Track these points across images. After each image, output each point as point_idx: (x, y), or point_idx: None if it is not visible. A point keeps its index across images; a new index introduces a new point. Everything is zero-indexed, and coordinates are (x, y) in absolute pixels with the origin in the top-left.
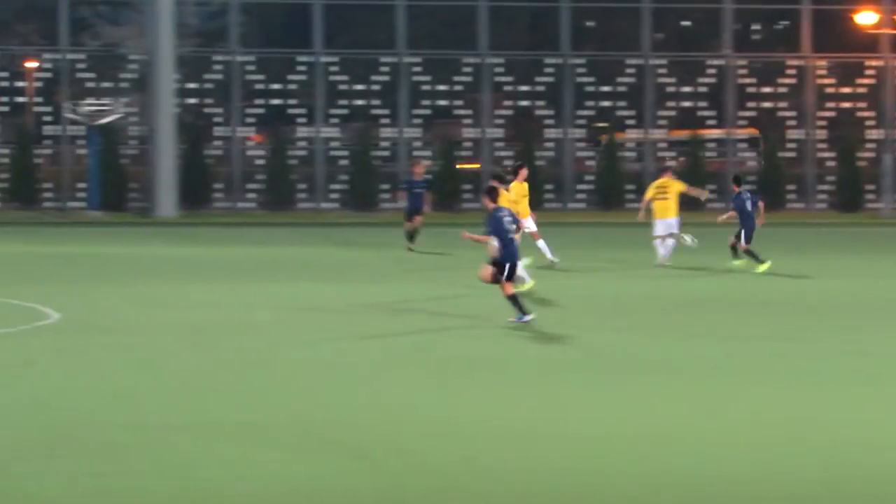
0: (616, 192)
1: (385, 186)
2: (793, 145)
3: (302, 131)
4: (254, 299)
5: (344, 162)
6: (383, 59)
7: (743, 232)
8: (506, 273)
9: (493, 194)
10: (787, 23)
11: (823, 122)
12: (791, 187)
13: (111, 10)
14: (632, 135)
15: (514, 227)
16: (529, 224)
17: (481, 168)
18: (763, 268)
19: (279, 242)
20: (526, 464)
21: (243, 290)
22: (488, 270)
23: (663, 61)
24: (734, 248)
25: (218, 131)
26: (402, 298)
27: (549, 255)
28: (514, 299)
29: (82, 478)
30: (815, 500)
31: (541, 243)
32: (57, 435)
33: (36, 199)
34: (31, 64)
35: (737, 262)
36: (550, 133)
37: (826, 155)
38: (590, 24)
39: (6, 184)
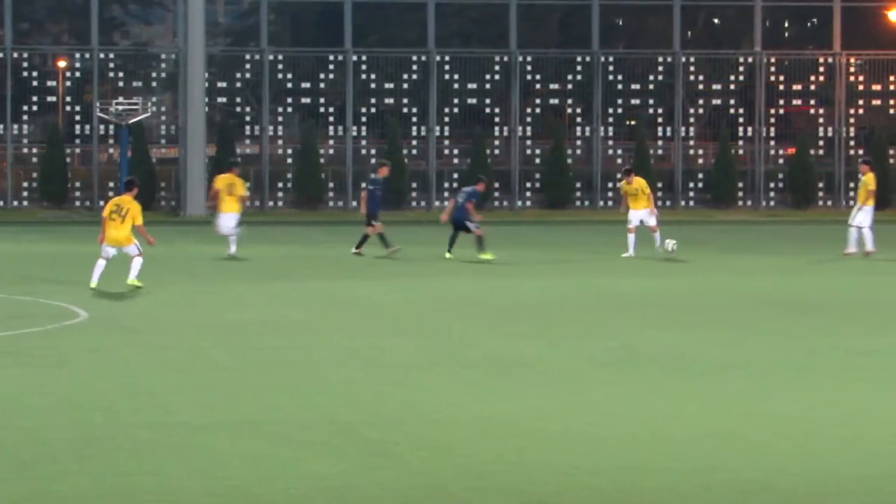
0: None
1: (413, 185)
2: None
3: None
4: (284, 298)
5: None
6: (413, 58)
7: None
8: None
9: None
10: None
11: (852, 120)
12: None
13: (142, 9)
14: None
15: None
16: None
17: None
18: (487, 255)
19: (308, 241)
20: (562, 462)
21: (272, 289)
22: None
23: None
24: (479, 239)
25: (248, 130)
26: (431, 295)
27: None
28: None
29: (111, 477)
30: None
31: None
32: (85, 434)
33: (66, 198)
34: (62, 63)
35: (484, 256)
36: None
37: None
38: (619, 21)
39: (36, 183)
